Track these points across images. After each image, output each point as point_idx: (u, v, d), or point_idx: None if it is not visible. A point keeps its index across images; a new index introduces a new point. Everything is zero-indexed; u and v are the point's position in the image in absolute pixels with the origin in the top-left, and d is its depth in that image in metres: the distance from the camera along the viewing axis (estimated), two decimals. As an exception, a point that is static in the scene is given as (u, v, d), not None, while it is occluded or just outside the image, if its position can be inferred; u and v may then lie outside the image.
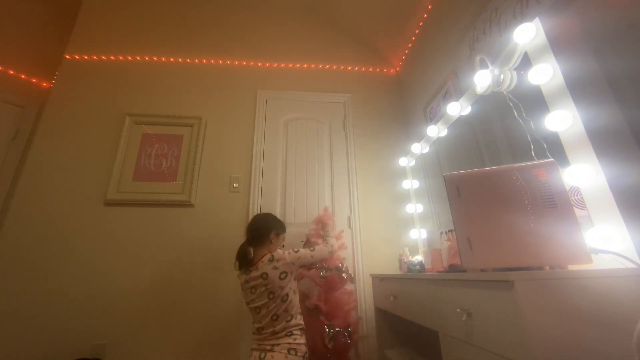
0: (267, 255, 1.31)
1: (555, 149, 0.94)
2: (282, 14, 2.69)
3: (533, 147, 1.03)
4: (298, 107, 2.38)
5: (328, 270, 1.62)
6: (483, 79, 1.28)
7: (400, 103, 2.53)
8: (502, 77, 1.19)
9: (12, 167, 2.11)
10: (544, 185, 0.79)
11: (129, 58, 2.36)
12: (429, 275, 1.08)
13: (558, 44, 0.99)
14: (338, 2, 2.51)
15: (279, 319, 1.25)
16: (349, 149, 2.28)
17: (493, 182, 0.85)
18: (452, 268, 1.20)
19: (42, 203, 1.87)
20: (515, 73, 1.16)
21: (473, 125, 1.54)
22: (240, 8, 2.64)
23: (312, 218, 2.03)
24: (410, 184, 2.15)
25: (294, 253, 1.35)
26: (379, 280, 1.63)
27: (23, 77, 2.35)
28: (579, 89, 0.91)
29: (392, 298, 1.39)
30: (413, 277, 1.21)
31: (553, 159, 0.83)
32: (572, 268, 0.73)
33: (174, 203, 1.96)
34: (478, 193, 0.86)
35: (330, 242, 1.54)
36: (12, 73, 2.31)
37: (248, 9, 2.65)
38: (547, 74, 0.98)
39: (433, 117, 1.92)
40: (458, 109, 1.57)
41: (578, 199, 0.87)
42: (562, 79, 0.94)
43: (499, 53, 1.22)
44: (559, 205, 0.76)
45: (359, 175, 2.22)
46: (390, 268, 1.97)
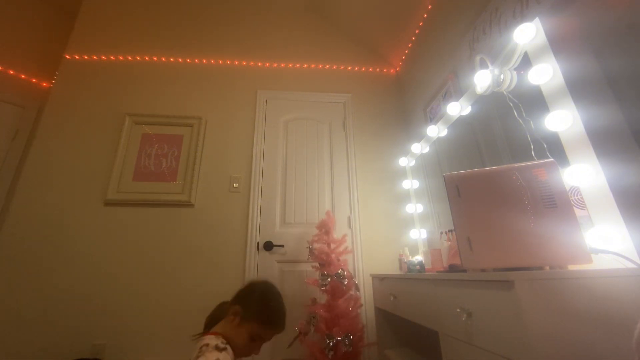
0: (210, 337, 0.93)
1: (555, 149, 0.94)
2: (282, 14, 2.69)
3: (533, 147, 1.03)
4: (298, 107, 2.38)
5: (329, 278, 1.61)
6: (483, 79, 1.28)
7: (400, 103, 2.53)
8: (502, 77, 1.19)
9: (12, 167, 2.11)
10: (544, 185, 0.79)
11: (129, 58, 2.36)
12: (429, 275, 1.08)
13: (558, 44, 0.99)
14: (338, 2, 2.51)
15: None
16: (349, 149, 2.28)
17: (493, 182, 0.85)
18: (452, 268, 1.20)
19: (42, 203, 1.87)
20: (515, 73, 1.16)
21: (473, 125, 1.54)
22: (241, 8, 2.64)
23: (312, 218, 2.03)
24: (410, 184, 2.15)
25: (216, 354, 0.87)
26: (379, 280, 1.63)
27: (23, 77, 2.35)
28: (579, 89, 0.91)
29: (392, 298, 1.39)
30: (413, 277, 1.21)
31: (553, 159, 0.83)
32: (572, 268, 0.73)
33: (174, 203, 1.96)
34: (478, 193, 0.86)
35: None
36: (12, 73, 2.31)
37: (248, 9, 2.65)
38: (547, 74, 0.98)
39: (433, 117, 1.92)
40: (458, 109, 1.57)
41: (578, 199, 0.87)
42: (562, 79, 0.94)
43: (499, 53, 1.22)
44: (559, 205, 0.76)
45: (359, 175, 2.22)
46: (390, 268, 1.97)
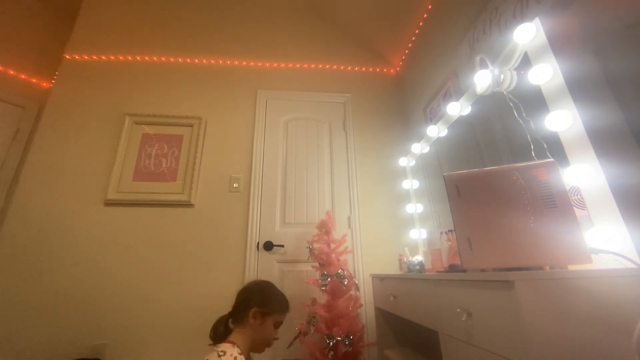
0: (226, 345, 0.93)
1: (555, 149, 0.94)
2: (282, 14, 2.69)
3: (533, 147, 1.03)
4: (298, 107, 2.38)
5: (329, 278, 1.61)
6: (483, 79, 1.28)
7: (400, 103, 2.53)
8: (502, 77, 1.19)
9: (12, 167, 2.11)
10: (544, 185, 0.79)
11: (129, 58, 2.36)
12: (429, 275, 1.08)
13: (558, 44, 0.99)
14: (338, 2, 2.51)
15: None
16: (349, 149, 2.28)
17: (493, 182, 0.85)
18: (452, 268, 1.20)
19: (42, 203, 1.87)
20: (515, 73, 1.15)
21: (473, 125, 1.54)
22: (241, 8, 2.64)
23: (312, 218, 2.03)
24: (410, 184, 2.15)
25: None
26: (379, 280, 1.63)
27: (23, 77, 2.35)
28: (579, 89, 0.91)
29: (392, 298, 1.39)
30: (413, 277, 1.21)
31: (553, 159, 0.83)
32: (572, 268, 0.73)
33: (174, 203, 1.96)
34: (478, 193, 0.86)
35: None
36: (12, 73, 2.31)
37: (248, 9, 2.65)
38: (547, 74, 0.98)
39: (433, 117, 1.92)
40: (458, 109, 1.57)
41: (578, 199, 0.87)
42: (562, 79, 0.94)
43: (499, 53, 1.22)
44: (559, 205, 0.76)
45: (359, 175, 2.22)
46: (390, 268, 1.97)
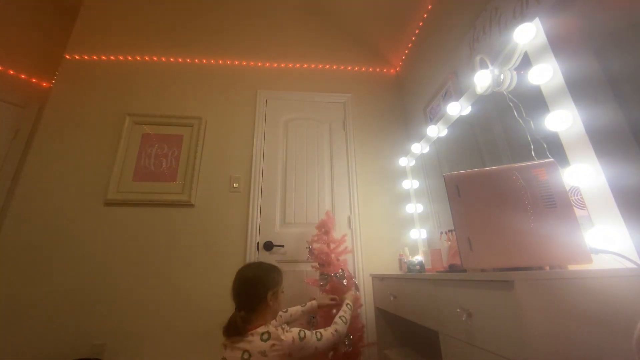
0: (261, 328, 0.99)
1: (555, 149, 0.94)
2: (282, 14, 2.68)
3: (533, 147, 1.03)
4: (298, 107, 2.38)
5: (328, 278, 1.61)
6: (483, 79, 1.28)
7: (400, 103, 2.53)
8: (502, 77, 1.19)
9: (12, 167, 2.11)
10: (544, 185, 0.79)
11: (129, 58, 2.36)
12: (429, 275, 1.08)
13: (558, 44, 0.99)
14: (338, 2, 2.51)
15: None
16: (349, 149, 2.28)
17: (493, 182, 0.85)
18: (452, 268, 1.20)
19: (42, 203, 1.87)
20: (515, 73, 1.15)
21: (473, 125, 1.53)
22: (241, 8, 2.64)
23: (312, 218, 2.03)
24: (410, 184, 2.15)
25: (298, 341, 1.00)
26: (379, 280, 1.63)
27: (23, 77, 2.35)
28: (579, 89, 0.91)
29: (392, 298, 1.39)
30: (413, 277, 1.21)
31: (553, 159, 0.83)
32: (572, 268, 0.73)
33: (174, 203, 1.96)
34: (478, 193, 0.86)
35: (340, 328, 1.17)
36: (12, 73, 2.31)
37: (248, 9, 2.65)
38: (547, 74, 0.98)
39: (433, 117, 1.92)
40: (458, 109, 1.57)
41: (578, 199, 0.87)
42: (562, 79, 0.94)
43: (499, 53, 1.22)
44: (559, 205, 0.76)
45: (359, 175, 2.22)
46: (390, 268, 1.97)
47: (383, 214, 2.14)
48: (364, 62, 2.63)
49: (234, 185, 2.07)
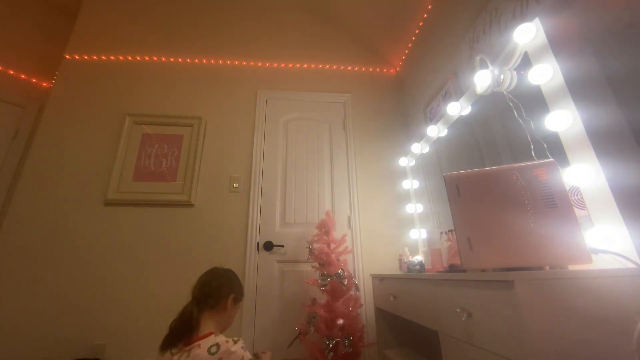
0: (210, 338, 0.92)
1: (555, 149, 0.94)
2: (282, 14, 2.68)
3: (533, 147, 1.03)
4: (298, 107, 2.38)
5: (328, 278, 1.60)
6: (483, 79, 1.28)
7: (400, 103, 2.53)
8: (502, 77, 1.19)
9: (12, 167, 2.11)
10: (544, 185, 0.79)
11: (129, 58, 2.36)
12: (429, 275, 1.08)
13: (558, 44, 0.99)
14: (338, 2, 2.51)
15: None
16: (349, 149, 2.28)
17: (493, 182, 0.85)
18: (452, 268, 1.20)
19: (42, 203, 1.87)
20: (515, 73, 1.15)
21: (473, 125, 1.54)
22: (241, 8, 2.64)
23: (312, 218, 2.03)
24: (410, 184, 2.15)
25: (241, 351, 0.91)
26: (379, 280, 1.63)
27: (23, 77, 2.35)
28: (579, 89, 0.91)
29: (392, 298, 1.39)
30: (413, 277, 1.21)
31: (553, 159, 0.83)
32: (572, 268, 0.73)
33: (174, 203, 1.96)
34: (478, 193, 0.86)
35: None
36: (12, 73, 2.31)
37: (248, 9, 2.65)
38: (547, 74, 0.98)
39: (433, 117, 1.92)
40: (458, 109, 1.57)
41: (578, 199, 0.87)
42: (562, 79, 0.94)
43: (499, 53, 1.22)
44: (559, 205, 0.76)
45: (359, 175, 2.22)
46: (390, 268, 1.97)
47: (383, 214, 2.14)
48: (364, 62, 2.63)
49: (234, 185, 2.07)
